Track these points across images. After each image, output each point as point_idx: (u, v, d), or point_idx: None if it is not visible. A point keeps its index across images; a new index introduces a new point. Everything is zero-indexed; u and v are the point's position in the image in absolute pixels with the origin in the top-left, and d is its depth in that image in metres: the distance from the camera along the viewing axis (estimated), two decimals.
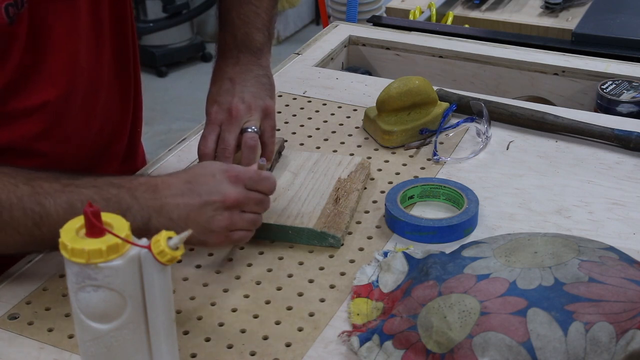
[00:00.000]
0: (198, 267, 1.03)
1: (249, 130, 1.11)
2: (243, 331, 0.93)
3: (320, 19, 3.86)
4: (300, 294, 0.98)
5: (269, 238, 1.07)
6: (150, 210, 0.93)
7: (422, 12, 1.93)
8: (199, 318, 0.95)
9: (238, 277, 1.01)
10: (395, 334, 0.86)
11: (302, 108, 1.40)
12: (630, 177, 1.18)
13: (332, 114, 1.37)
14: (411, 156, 1.25)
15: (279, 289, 0.99)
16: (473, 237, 1.06)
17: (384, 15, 2.04)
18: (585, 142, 1.26)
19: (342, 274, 1.01)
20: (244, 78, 1.16)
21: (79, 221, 0.73)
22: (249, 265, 1.03)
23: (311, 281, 1.00)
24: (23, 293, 0.99)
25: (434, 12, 1.93)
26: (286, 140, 1.26)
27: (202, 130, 1.13)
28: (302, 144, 1.29)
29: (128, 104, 1.23)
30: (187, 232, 0.73)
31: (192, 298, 0.98)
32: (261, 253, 1.05)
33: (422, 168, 1.22)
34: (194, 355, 0.90)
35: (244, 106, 1.12)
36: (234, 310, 0.96)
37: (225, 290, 0.99)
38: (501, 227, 1.08)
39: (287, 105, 1.41)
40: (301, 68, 1.54)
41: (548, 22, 1.89)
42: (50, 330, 0.94)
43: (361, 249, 1.05)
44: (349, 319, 0.94)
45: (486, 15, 1.95)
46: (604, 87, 1.41)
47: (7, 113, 1.02)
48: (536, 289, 0.83)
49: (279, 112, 1.36)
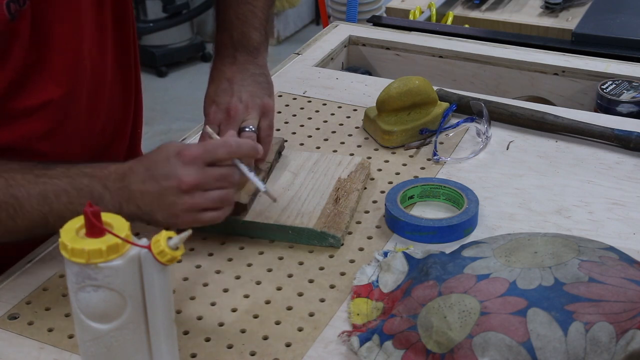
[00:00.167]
0: (198, 267, 1.03)
1: (247, 129, 1.11)
2: (243, 331, 0.93)
3: (320, 19, 3.86)
4: (300, 294, 0.98)
5: (269, 238, 1.07)
6: (120, 199, 0.95)
7: (422, 12, 1.93)
8: (199, 318, 0.95)
9: (238, 277, 1.01)
10: (395, 334, 0.86)
11: (302, 108, 1.40)
12: (630, 177, 1.18)
13: (332, 114, 1.37)
14: (411, 156, 1.25)
15: (279, 289, 0.99)
16: (473, 237, 1.06)
17: (384, 15, 2.04)
18: (585, 142, 1.26)
19: (342, 274, 1.01)
20: (242, 77, 1.16)
21: (79, 221, 0.74)
22: (249, 265, 1.03)
23: (311, 281, 1.00)
24: (23, 293, 0.99)
25: (434, 12, 1.93)
26: (286, 140, 1.26)
27: (202, 130, 1.14)
28: (302, 144, 1.29)
29: (129, 103, 1.23)
30: (187, 232, 0.74)
31: (192, 298, 0.98)
32: (261, 253, 1.05)
33: (422, 168, 1.22)
34: (194, 355, 0.90)
35: (241, 106, 1.12)
36: (234, 310, 0.96)
37: (225, 290, 0.99)
38: (501, 227, 1.08)
39: (287, 105, 1.41)
40: (301, 68, 1.54)
41: (548, 22, 1.89)
42: (50, 330, 0.93)
43: (361, 249, 1.05)
44: (349, 319, 0.94)
45: (486, 15, 1.95)
46: (604, 87, 1.41)
47: (10, 112, 1.02)
48: (536, 289, 0.83)
49: (279, 112, 1.36)
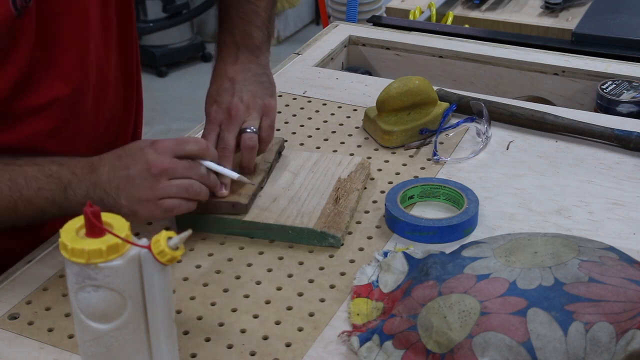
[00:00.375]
0: (198, 267, 1.03)
1: (248, 130, 1.11)
2: (243, 331, 0.93)
3: (320, 19, 3.86)
4: (300, 294, 0.98)
5: (269, 238, 1.07)
6: (87, 184, 0.97)
7: (422, 12, 1.93)
8: (199, 318, 0.95)
9: (238, 277, 1.01)
10: (395, 334, 0.86)
11: (302, 108, 1.40)
12: (630, 177, 1.18)
13: (332, 114, 1.37)
14: (411, 156, 1.25)
15: (279, 289, 0.99)
16: (473, 237, 1.06)
17: (384, 15, 2.04)
18: (585, 142, 1.26)
19: (342, 274, 1.01)
20: (244, 77, 1.16)
21: (79, 221, 0.74)
22: (249, 265, 1.03)
23: (311, 281, 1.00)
24: (23, 293, 0.99)
25: (434, 12, 1.93)
26: (286, 140, 1.26)
27: (202, 130, 1.14)
28: (302, 144, 1.29)
29: (131, 103, 1.23)
30: (187, 232, 0.74)
31: (192, 298, 0.98)
32: (261, 253, 1.05)
33: (422, 168, 1.22)
34: (194, 355, 0.90)
35: (243, 106, 1.12)
36: (234, 310, 0.96)
37: (225, 290, 0.99)
38: (501, 227, 1.08)
39: (287, 105, 1.41)
40: (301, 68, 1.54)
41: (548, 22, 1.89)
42: (50, 330, 0.93)
43: (361, 249, 1.05)
44: (349, 319, 0.94)
45: (486, 15, 1.95)
46: (604, 87, 1.41)
47: (17, 111, 1.02)
48: (536, 289, 0.83)
49: (279, 112, 1.36)
